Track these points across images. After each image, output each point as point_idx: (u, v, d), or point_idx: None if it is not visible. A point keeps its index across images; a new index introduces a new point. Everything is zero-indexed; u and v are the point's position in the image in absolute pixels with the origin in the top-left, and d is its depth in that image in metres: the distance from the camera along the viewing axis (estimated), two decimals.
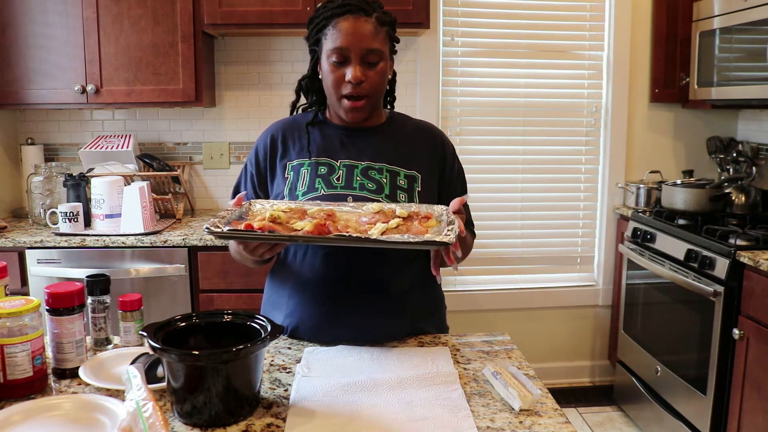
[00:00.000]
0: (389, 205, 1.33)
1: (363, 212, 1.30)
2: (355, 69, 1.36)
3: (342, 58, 1.37)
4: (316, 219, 1.22)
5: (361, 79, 1.37)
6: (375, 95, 1.42)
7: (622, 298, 3.05)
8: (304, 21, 2.58)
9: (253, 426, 1.05)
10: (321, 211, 1.27)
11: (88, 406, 1.09)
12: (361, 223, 1.25)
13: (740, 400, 2.26)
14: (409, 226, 1.22)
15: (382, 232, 1.17)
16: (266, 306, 1.55)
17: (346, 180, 1.42)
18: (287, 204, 1.32)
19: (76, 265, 2.43)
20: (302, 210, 1.29)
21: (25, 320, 1.15)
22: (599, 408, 3.12)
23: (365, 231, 1.19)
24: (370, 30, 1.37)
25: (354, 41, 1.36)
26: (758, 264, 2.14)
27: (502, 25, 3.11)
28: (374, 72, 1.39)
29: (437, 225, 1.24)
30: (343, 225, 1.23)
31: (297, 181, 1.43)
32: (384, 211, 1.29)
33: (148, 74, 2.66)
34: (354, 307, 1.41)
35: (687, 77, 3.02)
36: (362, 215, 1.29)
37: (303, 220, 1.22)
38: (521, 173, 3.23)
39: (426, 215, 1.28)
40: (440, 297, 1.59)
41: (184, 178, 2.92)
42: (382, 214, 1.27)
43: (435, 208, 1.31)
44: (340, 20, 1.37)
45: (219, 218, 1.20)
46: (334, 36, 1.37)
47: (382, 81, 1.42)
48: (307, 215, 1.26)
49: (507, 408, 1.11)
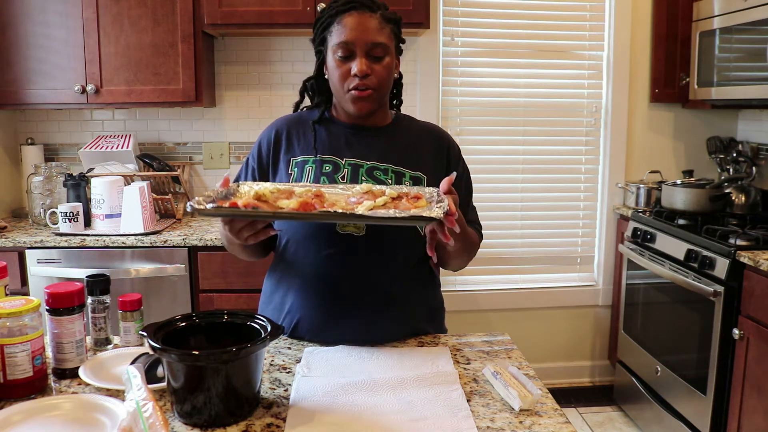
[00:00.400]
0: (379, 186, 1.32)
1: (352, 193, 1.29)
2: (360, 62, 1.37)
3: (347, 52, 1.38)
4: (303, 198, 1.20)
5: (366, 72, 1.37)
6: (381, 89, 1.41)
7: (622, 298, 3.05)
8: (304, 21, 2.61)
9: (253, 426, 1.05)
10: (309, 192, 1.25)
11: (88, 406, 1.09)
12: (350, 202, 1.24)
13: (740, 400, 2.26)
14: (397, 204, 1.21)
15: (370, 209, 1.15)
16: (263, 305, 1.54)
17: (351, 179, 1.42)
18: (275, 185, 1.30)
19: (76, 265, 2.43)
20: (290, 191, 1.27)
21: (25, 320, 1.15)
22: (599, 408, 3.12)
23: (352, 209, 1.17)
24: (375, 25, 1.38)
25: (359, 35, 1.37)
26: (758, 264, 2.14)
27: (502, 25, 3.11)
28: (380, 66, 1.39)
29: (427, 205, 1.22)
30: (330, 204, 1.20)
31: (301, 178, 1.43)
32: (373, 191, 1.28)
33: (148, 74, 2.66)
34: (353, 309, 1.40)
35: (687, 77, 3.02)
36: (351, 195, 1.28)
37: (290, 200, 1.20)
38: (521, 173, 3.23)
39: (416, 195, 1.26)
40: (440, 300, 1.58)
41: (184, 178, 2.92)
42: (371, 194, 1.26)
43: (425, 190, 1.30)
44: (344, 16, 1.38)
45: (204, 197, 1.19)
46: (339, 31, 1.38)
47: (389, 75, 1.42)
48: (295, 195, 1.24)
49: (507, 408, 1.11)
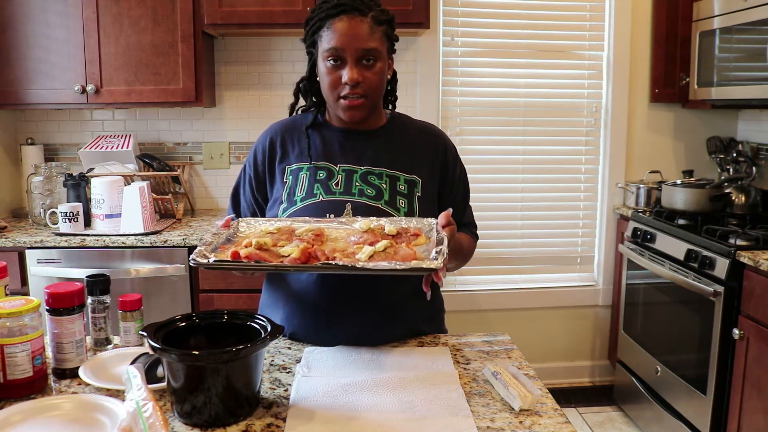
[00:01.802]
0: (378, 221, 1.31)
1: (351, 230, 1.29)
2: (351, 71, 1.34)
3: (337, 59, 1.35)
4: (304, 241, 1.21)
5: (357, 81, 1.34)
6: (373, 96, 1.39)
7: (622, 298, 3.05)
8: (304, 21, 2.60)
9: (253, 426, 1.05)
10: (309, 231, 1.26)
11: (88, 406, 1.09)
12: (350, 243, 1.24)
13: (740, 400, 2.26)
14: (396, 249, 1.21)
15: (370, 255, 1.16)
16: (263, 309, 1.53)
17: (345, 186, 1.40)
18: (275, 224, 1.30)
19: (76, 265, 2.43)
20: (290, 229, 1.27)
21: (25, 320, 1.15)
22: (599, 408, 3.12)
23: (353, 254, 1.18)
24: (365, 30, 1.35)
25: (349, 42, 1.34)
26: (758, 264, 2.14)
27: (502, 25, 3.11)
28: (371, 73, 1.36)
29: (426, 242, 1.24)
30: (330, 249, 1.21)
31: (296, 186, 1.42)
32: (373, 228, 1.28)
33: (148, 74, 2.66)
34: (351, 314, 1.39)
35: (687, 77, 3.02)
36: (351, 233, 1.28)
37: (291, 243, 1.20)
38: (521, 173, 3.23)
39: (415, 232, 1.27)
40: (440, 302, 1.58)
41: (184, 178, 2.92)
42: (370, 233, 1.27)
43: (424, 223, 1.31)
44: (334, 21, 1.35)
45: (205, 245, 1.18)
46: (329, 37, 1.35)
47: (380, 81, 1.40)
48: (295, 236, 1.24)
49: (507, 408, 1.11)
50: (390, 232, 1.26)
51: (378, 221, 1.32)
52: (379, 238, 1.23)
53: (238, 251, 1.16)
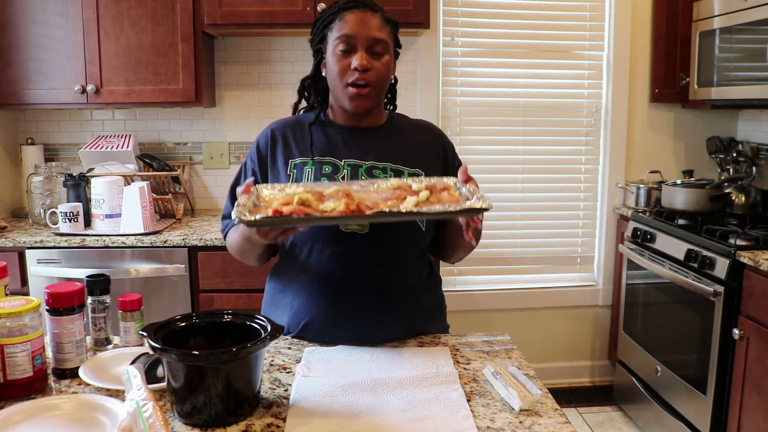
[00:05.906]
0: (404, 180, 1.33)
1: (376, 189, 1.29)
2: (361, 56, 1.38)
3: (348, 46, 1.39)
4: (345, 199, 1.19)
5: (367, 67, 1.38)
6: (379, 86, 1.42)
7: (622, 298, 3.05)
8: (304, 21, 2.61)
9: (253, 426, 1.05)
10: (338, 192, 1.24)
11: (88, 406, 1.09)
12: (383, 199, 1.23)
13: (740, 400, 2.26)
14: (439, 197, 1.22)
15: (415, 205, 1.17)
16: (267, 306, 1.54)
17: (351, 179, 1.42)
18: (301, 187, 1.27)
19: (76, 265, 2.43)
20: (319, 191, 1.24)
21: (25, 320, 1.15)
22: (599, 408, 3.12)
23: (394, 207, 1.17)
24: (376, 22, 1.41)
25: (360, 30, 1.39)
26: (758, 264, 2.14)
27: (502, 25, 3.11)
28: (380, 63, 1.41)
29: (458, 194, 1.25)
30: (373, 202, 1.20)
31: (301, 179, 1.43)
32: (402, 186, 1.29)
33: (148, 74, 2.66)
34: (360, 309, 1.41)
35: (687, 77, 3.02)
36: (379, 192, 1.27)
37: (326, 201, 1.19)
38: (521, 173, 3.23)
39: (443, 187, 1.28)
40: (442, 297, 1.60)
41: (184, 178, 2.92)
42: (400, 190, 1.27)
43: (446, 180, 1.32)
44: (346, 13, 1.41)
45: (241, 207, 1.16)
46: (341, 26, 1.40)
47: (387, 73, 1.44)
48: (325, 196, 1.23)
49: (507, 408, 1.11)
50: (419, 189, 1.26)
51: (404, 179, 1.32)
52: (410, 194, 1.23)
53: (279, 209, 1.14)
